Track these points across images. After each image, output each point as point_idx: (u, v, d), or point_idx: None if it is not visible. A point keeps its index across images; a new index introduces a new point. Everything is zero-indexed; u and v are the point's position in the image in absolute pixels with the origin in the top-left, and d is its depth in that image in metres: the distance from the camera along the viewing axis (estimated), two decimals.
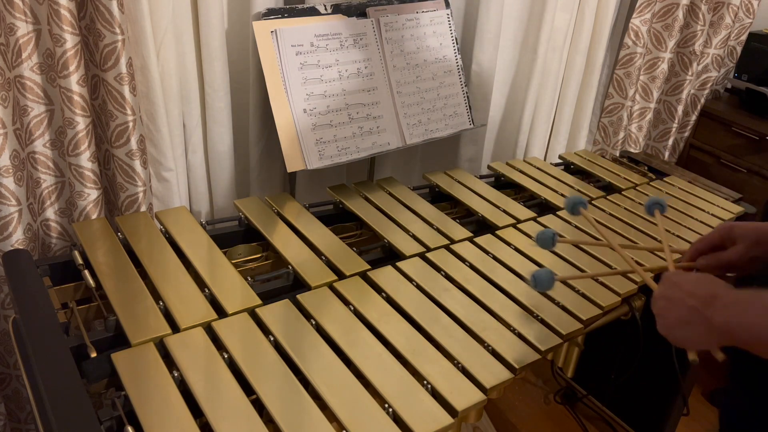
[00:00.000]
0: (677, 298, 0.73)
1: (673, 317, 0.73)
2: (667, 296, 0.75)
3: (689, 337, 0.73)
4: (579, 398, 1.87)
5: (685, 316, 0.72)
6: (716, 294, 0.69)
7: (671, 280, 0.76)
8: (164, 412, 0.76)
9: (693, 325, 0.71)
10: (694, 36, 1.95)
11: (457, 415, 0.82)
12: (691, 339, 0.72)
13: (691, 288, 0.72)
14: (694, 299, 0.71)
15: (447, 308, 1.02)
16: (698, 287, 0.72)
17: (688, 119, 2.14)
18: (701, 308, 0.70)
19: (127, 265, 1.00)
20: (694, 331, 0.71)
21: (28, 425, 1.30)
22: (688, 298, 0.72)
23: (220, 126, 1.35)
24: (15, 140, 1.08)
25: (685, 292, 0.72)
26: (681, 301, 0.72)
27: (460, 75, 1.53)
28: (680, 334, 0.73)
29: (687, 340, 0.73)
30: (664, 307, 0.75)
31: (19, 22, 1.03)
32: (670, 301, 0.74)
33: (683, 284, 0.74)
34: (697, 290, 0.72)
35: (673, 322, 0.74)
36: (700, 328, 0.70)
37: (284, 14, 1.28)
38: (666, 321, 0.75)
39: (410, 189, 1.38)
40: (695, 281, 0.74)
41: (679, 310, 0.72)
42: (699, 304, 0.70)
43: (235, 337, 0.89)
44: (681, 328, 0.73)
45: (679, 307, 0.72)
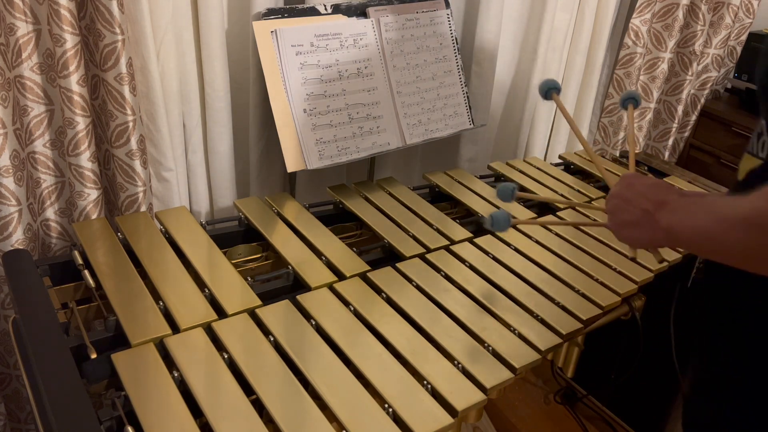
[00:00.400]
0: (631, 199, 0.77)
1: (625, 217, 0.78)
2: (622, 196, 0.79)
3: (636, 237, 0.78)
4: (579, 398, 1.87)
5: (636, 217, 0.76)
6: (667, 200, 0.73)
7: (628, 181, 0.80)
8: (164, 412, 0.76)
9: (641, 226, 0.75)
10: (694, 36, 1.95)
11: (457, 415, 0.82)
12: (638, 238, 0.78)
13: (645, 191, 0.76)
14: (646, 202, 0.75)
15: (447, 309, 1.02)
16: (651, 191, 0.75)
17: (688, 119, 2.14)
18: (652, 211, 0.73)
19: (127, 265, 1.00)
20: (641, 231, 0.76)
21: (28, 425, 1.30)
22: (641, 200, 0.75)
23: (220, 126, 1.35)
24: (15, 140, 1.08)
25: (638, 193, 0.76)
26: (634, 202, 0.76)
27: (460, 75, 1.53)
28: (628, 233, 0.78)
29: (633, 239, 0.79)
30: (617, 205, 0.80)
31: (19, 22, 1.03)
32: (624, 200, 0.78)
33: (638, 186, 0.77)
34: (649, 193, 0.75)
35: (624, 222, 0.78)
36: (646, 229, 0.75)
37: (284, 14, 1.28)
38: (617, 219, 0.80)
39: (410, 189, 1.38)
40: (649, 185, 0.77)
41: (631, 211, 0.77)
42: (650, 207, 0.74)
43: (235, 338, 0.89)
44: (630, 227, 0.77)
45: (632, 207, 0.76)
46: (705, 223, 0.66)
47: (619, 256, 1.23)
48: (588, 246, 1.25)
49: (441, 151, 1.73)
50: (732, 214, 0.63)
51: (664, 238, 0.73)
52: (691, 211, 0.69)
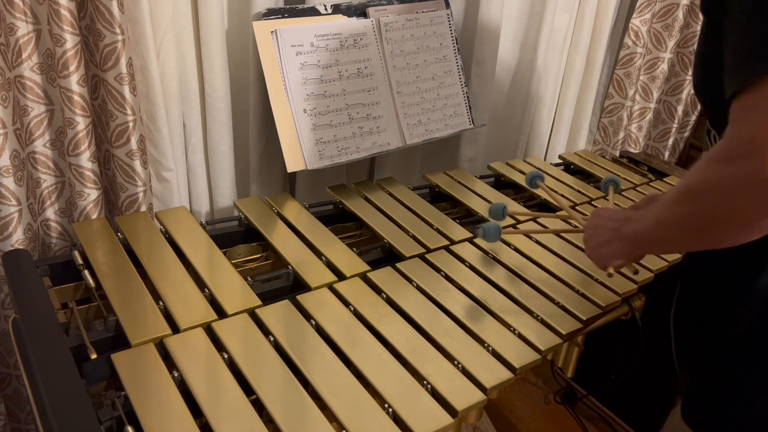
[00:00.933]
0: (600, 225, 0.88)
1: (597, 240, 0.88)
2: (593, 225, 0.90)
3: (609, 253, 0.86)
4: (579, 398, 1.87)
5: (606, 237, 0.85)
6: (629, 216, 0.83)
7: (596, 213, 0.91)
8: (164, 412, 0.76)
9: (612, 243, 0.84)
10: (694, 36, 1.95)
11: (457, 415, 0.82)
12: (611, 254, 0.86)
13: (612, 215, 0.87)
14: (612, 222, 0.85)
15: (447, 309, 1.02)
16: (617, 214, 0.87)
17: (688, 119, 2.14)
18: (618, 227, 0.83)
19: (126, 265, 1.00)
20: (612, 247, 0.84)
21: (28, 425, 1.30)
22: (608, 222, 0.86)
23: (220, 126, 1.35)
24: (15, 140, 1.08)
25: (606, 219, 0.87)
26: (603, 226, 0.87)
27: (460, 75, 1.53)
28: (602, 251, 0.87)
29: (607, 256, 0.87)
30: (590, 235, 0.90)
31: (19, 22, 1.03)
32: (595, 228, 0.89)
33: (605, 214, 0.89)
34: (616, 216, 0.86)
35: (597, 244, 0.88)
36: (616, 243, 0.84)
37: (284, 14, 1.28)
38: (591, 244, 0.89)
39: (410, 189, 1.38)
40: (616, 211, 0.89)
41: (602, 234, 0.86)
42: (617, 225, 0.84)
43: (235, 338, 0.89)
44: (602, 246, 0.86)
45: (602, 230, 0.87)
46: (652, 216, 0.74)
47: None
48: None
49: (441, 151, 1.73)
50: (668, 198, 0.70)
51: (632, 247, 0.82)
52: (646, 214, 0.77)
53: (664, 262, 1.24)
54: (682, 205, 0.67)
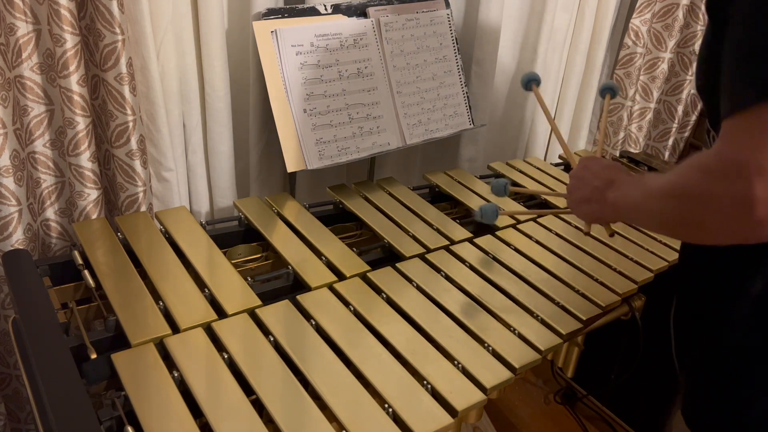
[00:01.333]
0: (586, 178, 0.86)
1: (579, 194, 0.87)
2: (579, 176, 0.89)
3: (588, 212, 0.87)
4: (579, 398, 1.87)
5: (588, 194, 0.85)
6: (614, 178, 0.81)
7: (584, 164, 0.89)
8: (164, 412, 0.76)
9: (592, 202, 0.84)
10: (694, 36, 1.95)
11: (457, 415, 0.82)
12: (590, 213, 0.87)
13: (598, 171, 0.85)
14: (598, 180, 0.83)
15: (447, 309, 1.02)
16: (603, 171, 0.84)
17: (688, 119, 2.14)
18: (602, 188, 0.82)
19: (126, 265, 1.00)
20: (592, 206, 0.84)
21: (28, 425, 1.30)
22: (593, 178, 0.84)
23: (220, 126, 1.35)
24: (15, 140, 1.08)
25: (592, 173, 0.85)
26: (588, 181, 0.85)
27: (460, 75, 1.53)
28: (582, 208, 0.88)
29: (587, 214, 0.88)
30: (574, 185, 0.89)
31: (19, 22, 1.03)
32: (580, 180, 0.88)
33: (592, 167, 0.86)
34: (601, 173, 0.84)
35: (579, 198, 0.88)
36: (596, 204, 0.83)
37: (284, 14, 1.28)
38: (573, 196, 0.89)
39: (410, 189, 1.38)
40: (602, 166, 0.86)
41: (584, 189, 0.86)
42: (601, 185, 0.82)
43: (235, 338, 0.89)
44: (584, 203, 0.87)
45: (585, 185, 0.86)
46: (636, 197, 0.74)
47: (619, 256, 1.23)
48: (588, 246, 1.25)
49: (441, 151, 1.73)
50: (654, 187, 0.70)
51: (612, 213, 0.82)
52: (630, 187, 0.77)
53: (664, 262, 1.24)
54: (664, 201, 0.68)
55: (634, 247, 1.27)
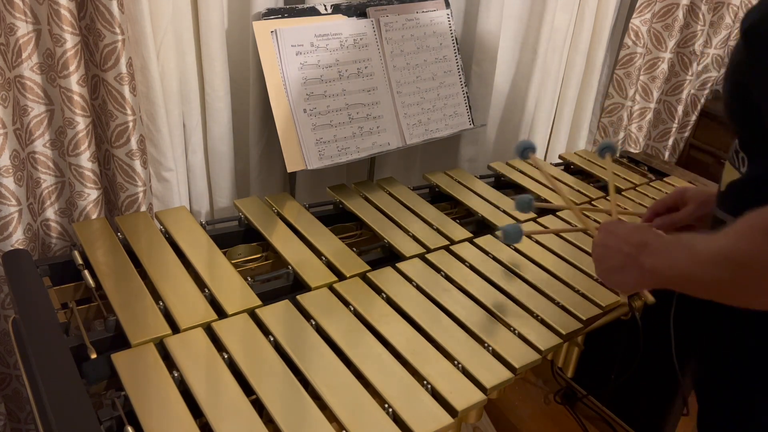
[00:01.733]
0: (613, 246, 0.79)
1: (610, 263, 0.80)
2: (605, 244, 0.82)
3: (624, 281, 0.79)
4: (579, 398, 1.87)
5: (620, 262, 0.78)
6: (647, 241, 0.75)
7: (608, 229, 0.82)
8: (164, 412, 0.76)
9: (627, 270, 0.77)
10: (694, 36, 1.95)
11: (457, 415, 0.82)
12: (626, 282, 0.79)
13: (626, 235, 0.78)
14: (628, 246, 0.77)
15: (447, 309, 1.02)
16: (632, 235, 0.78)
17: (688, 119, 2.14)
18: (635, 254, 0.75)
19: (126, 265, 1.00)
20: (627, 275, 0.77)
21: (28, 425, 1.30)
22: (623, 245, 0.77)
23: (220, 126, 1.35)
24: (15, 140, 1.08)
25: (620, 239, 0.78)
26: (617, 248, 0.78)
27: (460, 75, 1.53)
28: (616, 278, 0.80)
29: (622, 284, 0.80)
30: (601, 254, 0.82)
31: (19, 22, 1.03)
32: (606, 248, 0.81)
33: (618, 232, 0.80)
34: (630, 238, 0.77)
35: (610, 268, 0.80)
36: (633, 273, 0.76)
37: (284, 14, 1.28)
38: (603, 266, 0.82)
39: (410, 189, 1.38)
40: (629, 230, 0.79)
41: (615, 257, 0.79)
42: (633, 251, 0.76)
43: (235, 338, 0.89)
44: (616, 272, 0.79)
45: (615, 253, 0.79)
46: (685, 264, 0.68)
47: None
48: (588, 246, 1.25)
49: (441, 151, 1.73)
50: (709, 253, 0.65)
51: (651, 280, 0.75)
52: (672, 252, 0.71)
53: None
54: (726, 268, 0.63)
55: None
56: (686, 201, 0.97)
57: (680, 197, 0.97)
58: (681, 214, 0.96)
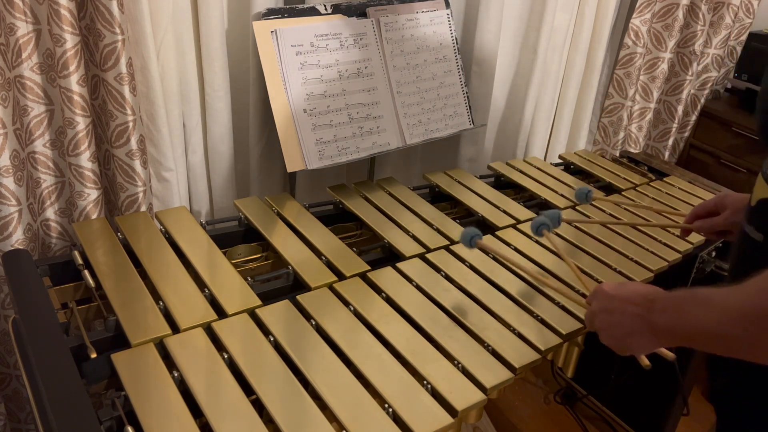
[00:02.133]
0: (617, 309, 0.74)
1: (620, 330, 0.75)
2: (607, 309, 0.76)
3: (637, 344, 0.74)
4: (579, 398, 1.87)
5: (630, 325, 0.73)
6: (654, 298, 0.71)
7: (605, 292, 0.78)
8: (164, 412, 0.76)
9: (639, 333, 0.72)
10: (694, 36, 1.95)
11: (457, 415, 0.82)
12: (640, 345, 0.74)
13: (628, 296, 0.74)
14: (634, 306, 0.72)
15: (447, 309, 1.02)
16: (634, 295, 0.73)
17: (688, 119, 2.14)
18: (644, 314, 0.71)
19: (126, 265, 1.00)
20: (641, 338, 0.72)
21: (28, 425, 1.30)
22: (628, 306, 0.73)
23: (220, 126, 1.35)
24: (15, 140, 1.08)
25: (623, 301, 0.74)
26: (622, 311, 0.74)
27: (460, 75, 1.53)
28: (629, 343, 0.74)
29: (636, 348, 0.75)
30: (607, 320, 0.76)
31: (19, 22, 1.03)
32: (611, 313, 0.76)
33: (619, 294, 0.75)
34: (634, 298, 0.73)
35: (620, 334, 0.75)
36: (645, 334, 0.72)
37: (284, 14, 1.28)
38: (613, 333, 0.76)
39: (410, 189, 1.38)
40: (629, 290, 0.75)
41: (623, 321, 0.74)
42: (641, 311, 0.71)
43: (235, 338, 0.89)
44: (628, 337, 0.74)
45: (622, 316, 0.74)
46: (705, 321, 0.64)
47: (619, 256, 1.23)
48: (588, 246, 1.25)
49: (441, 151, 1.73)
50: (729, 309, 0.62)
51: (666, 339, 0.71)
52: (685, 309, 0.67)
53: (664, 262, 1.24)
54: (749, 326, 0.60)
55: (634, 247, 1.27)
56: (725, 206, 0.97)
57: (720, 202, 0.97)
58: (719, 219, 0.97)
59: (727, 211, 0.96)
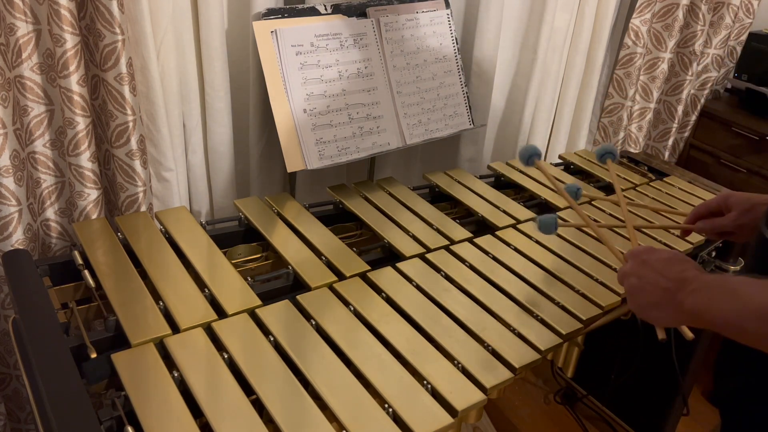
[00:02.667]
0: (649, 278, 0.75)
1: (646, 299, 0.75)
2: (639, 274, 0.77)
3: (660, 317, 0.75)
4: (579, 398, 1.87)
5: (657, 297, 0.74)
6: (686, 277, 0.71)
7: (641, 258, 0.78)
8: (164, 412, 0.76)
9: (664, 306, 0.73)
10: (694, 36, 1.95)
11: (457, 415, 0.82)
12: (662, 318, 0.75)
13: (662, 268, 0.74)
14: (665, 280, 0.73)
15: (447, 308, 1.02)
16: (669, 269, 0.74)
17: (688, 119, 2.14)
18: (673, 290, 0.71)
19: (127, 265, 1.00)
20: (664, 311, 0.73)
21: (28, 425, 1.30)
22: (660, 278, 0.74)
23: (220, 126, 1.35)
24: (15, 140, 1.08)
25: (656, 272, 0.74)
26: (653, 282, 0.74)
27: (460, 75, 1.53)
28: (652, 313, 0.76)
29: (658, 319, 0.76)
30: (636, 285, 0.77)
31: (19, 22, 1.03)
32: (641, 279, 0.76)
33: (654, 263, 0.76)
34: (668, 272, 0.73)
35: (645, 303, 0.76)
36: (669, 310, 0.72)
37: (284, 14, 1.28)
38: (638, 300, 0.77)
39: (410, 189, 1.38)
40: (665, 261, 0.75)
41: (651, 291, 0.74)
42: (671, 286, 0.72)
43: (235, 338, 0.89)
44: (652, 308, 0.75)
45: (651, 287, 0.74)
46: (730, 312, 0.65)
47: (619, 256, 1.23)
48: (588, 246, 1.25)
49: (441, 151, 1.73)
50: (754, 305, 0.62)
51: (689, 319, 0.72)
52: (714, 295, 0.67)
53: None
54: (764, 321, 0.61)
55: None
56: (730, 207, 0.94)
57: (724, 202, 0.95)
58: (724, 220, 0.94)
59: (733, 212, 0.94)
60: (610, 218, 1.38)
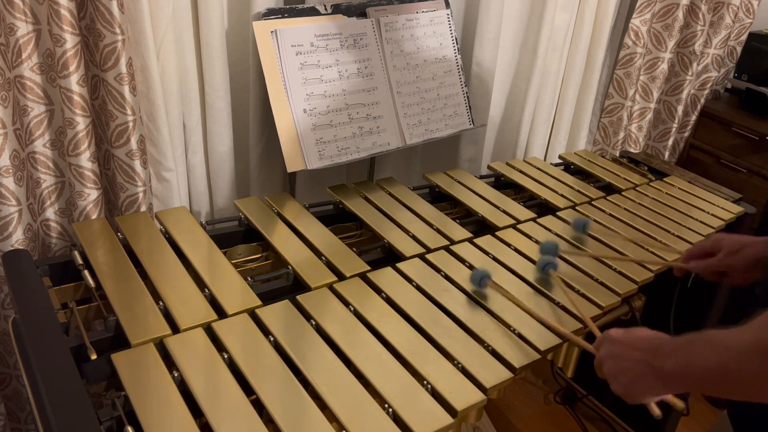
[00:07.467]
0: (624, 355, 0.75)
1: (627, 376, 0.75)
2: (612, 355, 0.77)
3: (645, 390, 0.74)
4: (579, 398, 1.87)
5: (637, 370, 0.73)
6: (659, 344, 0.72)
7: (611, 338, 0.79)
8: (164, 412, 0.76)
9: (646, 377, 0.73)
10: (694, 36, 1.95)
11: (457, 415, 0.82)
12: (648, 391, 0.74)
13: (633, 342, 0.75)
14: (639, 352, 0.73)
15: (447, 309, 1.02)
16: (640, 341, 0.75)
17: (688, 119, 2.14)
18: (649, 359, 0.72)
19: (126, 265, 1.00)
20: (647, 382, 0.73)
21: (28, 425, 1.30)
22: (633, 352, 0.74)
23: (220, 126, 1.35)
24: (15, 140, 1.08)
25: (629, 346, 0.75)
26: (628, 357, 0.75)
27: (460, 75, 1.53)
28: (637, 389, 0.75)
29: (644, 394, 0.75)
30: (614, 367, 0.77)
31: (19, 22, 1.03)
32: (617, 359, 0.76)
33: (625, 340, 0.77)
34: (639, 344, 0.74)
35: (627, 381, 0.75)
36: (652, 379, 0.72)
37: (284, 14, 1.28)
38: (621, 381, 0.76)
39: (410, 189, 1.38)
40: (634, 336, 0.76)
41: (629, 366, 0.74)
42: (646, 356, 0.72)
43: (235, 338, 0.89)
44: (636, 383, 0.74)
45: (628, 362, 0.75)
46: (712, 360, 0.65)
47: (620, 256, 1.23)
48: (588, 246, 1.25)
49: (441, 151, 1.73)
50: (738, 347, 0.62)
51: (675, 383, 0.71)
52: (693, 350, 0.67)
53: (663, 261, 1.24)
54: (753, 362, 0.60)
55: (633, 246, 1.27)
56: (720, 248, 0.99)
57: (716, 244, 1.00)
58: (714, 261, 0.99)
59: (722, 252, 0.98)
60: (610, 218, 1.38)
